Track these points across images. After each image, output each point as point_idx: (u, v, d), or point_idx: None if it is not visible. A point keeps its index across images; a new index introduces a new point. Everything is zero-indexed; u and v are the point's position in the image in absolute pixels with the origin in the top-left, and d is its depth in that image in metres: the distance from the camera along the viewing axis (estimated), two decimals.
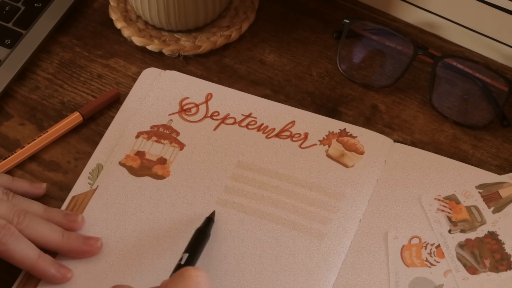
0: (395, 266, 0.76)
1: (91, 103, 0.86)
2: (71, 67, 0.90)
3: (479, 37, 0.90)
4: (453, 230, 0.78)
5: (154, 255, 0.77)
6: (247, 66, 0.91)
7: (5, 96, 0.88)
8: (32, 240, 0.75)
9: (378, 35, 0.91)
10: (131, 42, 0.92)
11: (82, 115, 0.85)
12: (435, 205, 0.80)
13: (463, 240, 0.78)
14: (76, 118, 0.85)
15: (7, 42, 0.90)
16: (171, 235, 0.78)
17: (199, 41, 0.91)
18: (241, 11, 0.94)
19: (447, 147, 0.85)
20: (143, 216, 0.79)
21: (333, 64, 0.91)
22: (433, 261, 0.77)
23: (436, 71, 0.87)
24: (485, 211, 0.79)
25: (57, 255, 0.76)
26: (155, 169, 0.82)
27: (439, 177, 0.82)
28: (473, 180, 0.81)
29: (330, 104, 0.88)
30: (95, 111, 0.86)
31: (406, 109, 0.88)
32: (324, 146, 0.83)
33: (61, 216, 0.78)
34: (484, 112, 0.87)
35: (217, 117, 0.85)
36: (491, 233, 0.78)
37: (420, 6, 0.92)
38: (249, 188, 0.81)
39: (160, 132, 0.84)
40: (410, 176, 0.82)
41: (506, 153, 0.85)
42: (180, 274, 0.65)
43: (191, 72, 0.90)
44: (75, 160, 0.84)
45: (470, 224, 0.79)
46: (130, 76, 0.89)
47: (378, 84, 0.89)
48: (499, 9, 0.87)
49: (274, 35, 0.93)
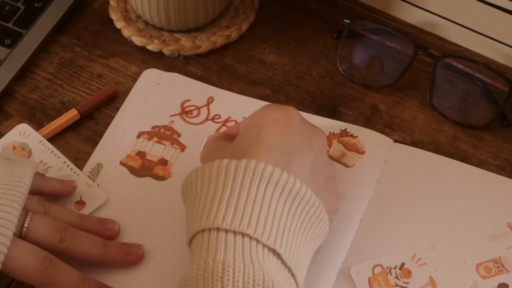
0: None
1: (88, 100, 0.86)
2: (71, 67, 0.90)
3: (479, 37, 0.90)
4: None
5: (154, 255, 0.77)
6: (247, 66, 0.91)
7: (5, 96, 0.88)
8: (76, 257, 0.73)
9: (378, 35, 0.91)
10: (131, 42, 0.92)
11: (78, 111, 0.85)
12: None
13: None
14: (73, 114, 0.85)
15: (7, 42, 0.89)
16: (171, 235, 0.78)
17: (199, 41, 0.91)
18: (241, 11, 0.93)
19: (447, 147, 0.85)
20: (144, 216, 0.79)
21: (333, 64, 0.91)
22: (403, 283, 0.75)
23: (436, 71, 0.87)
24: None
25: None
26: (156, 169, 0.82)
27: (439, 177, 0.82)
28: (474, 180, 0.82)
29: (330, 104, 0.88)
30: (92, 107, 0.86)
31: (406, 109, 0.88)
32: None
33: (98, 225, 0.77)
34: (484, 112, 0.87)
35: (218, 120, 0.85)
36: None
37: (420, 6, 0.92)
38: None
39: (161, 133, 0.84)
40: (410, 176, 0.82)
41: (506, 153, 0.85)
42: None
43: (191, 72, 0.90)
44: (75, 160, 0.84)
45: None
46: (130, 76, 0.89)
47: (378, 84, 0.89)
48: (499, 9, 0.87)
49: (274, 35, 0.93)
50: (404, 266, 0.76)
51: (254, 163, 0.68)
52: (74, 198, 0.79)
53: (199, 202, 0.68)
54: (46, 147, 0.82)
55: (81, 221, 0.76)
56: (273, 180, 0.67)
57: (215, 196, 0.67)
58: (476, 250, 0.77)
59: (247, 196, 0.67)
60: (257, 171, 0.67)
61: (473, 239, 0.78)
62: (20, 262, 0.70)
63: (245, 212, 0.66)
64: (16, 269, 0.70)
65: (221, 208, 0.66)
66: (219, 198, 0.67)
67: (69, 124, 0.85)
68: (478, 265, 0.76)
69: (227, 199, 0.67)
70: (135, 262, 0.76)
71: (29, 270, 0.70)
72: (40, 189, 0.77)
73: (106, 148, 0.83)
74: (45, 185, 0.78)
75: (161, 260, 0.77)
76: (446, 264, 0.76)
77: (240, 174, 0.67)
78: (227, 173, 0.68)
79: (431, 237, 0.78)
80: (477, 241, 0.78)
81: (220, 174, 0.68)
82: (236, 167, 0.68)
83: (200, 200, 0.68)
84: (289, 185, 0.68)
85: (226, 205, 0.66)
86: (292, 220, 0.68)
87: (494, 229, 0.78)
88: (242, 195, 0.67)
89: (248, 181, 0.67)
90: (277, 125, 0.72)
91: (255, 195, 0.67)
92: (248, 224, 0.65)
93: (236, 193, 0.67)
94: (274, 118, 0.72)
